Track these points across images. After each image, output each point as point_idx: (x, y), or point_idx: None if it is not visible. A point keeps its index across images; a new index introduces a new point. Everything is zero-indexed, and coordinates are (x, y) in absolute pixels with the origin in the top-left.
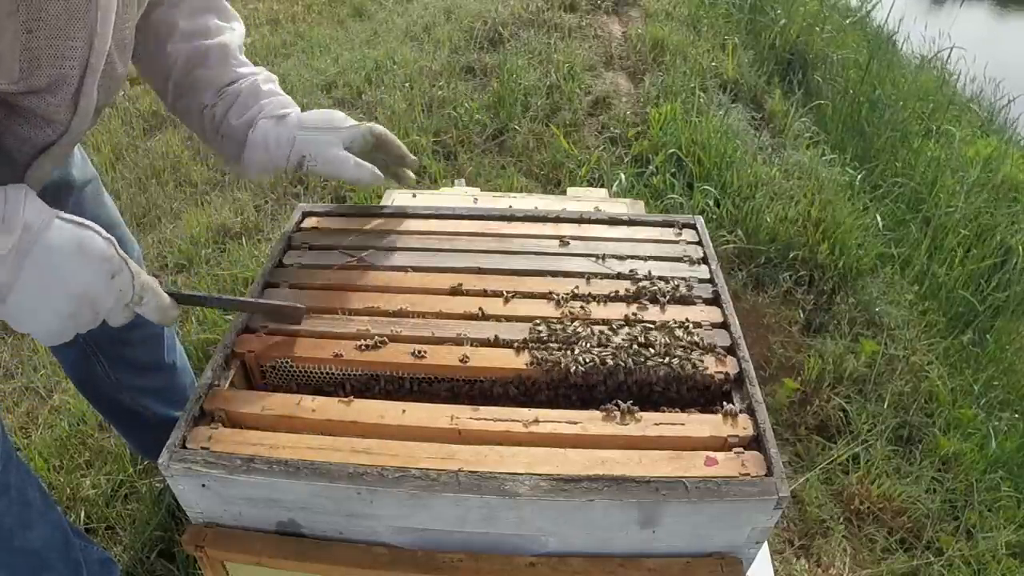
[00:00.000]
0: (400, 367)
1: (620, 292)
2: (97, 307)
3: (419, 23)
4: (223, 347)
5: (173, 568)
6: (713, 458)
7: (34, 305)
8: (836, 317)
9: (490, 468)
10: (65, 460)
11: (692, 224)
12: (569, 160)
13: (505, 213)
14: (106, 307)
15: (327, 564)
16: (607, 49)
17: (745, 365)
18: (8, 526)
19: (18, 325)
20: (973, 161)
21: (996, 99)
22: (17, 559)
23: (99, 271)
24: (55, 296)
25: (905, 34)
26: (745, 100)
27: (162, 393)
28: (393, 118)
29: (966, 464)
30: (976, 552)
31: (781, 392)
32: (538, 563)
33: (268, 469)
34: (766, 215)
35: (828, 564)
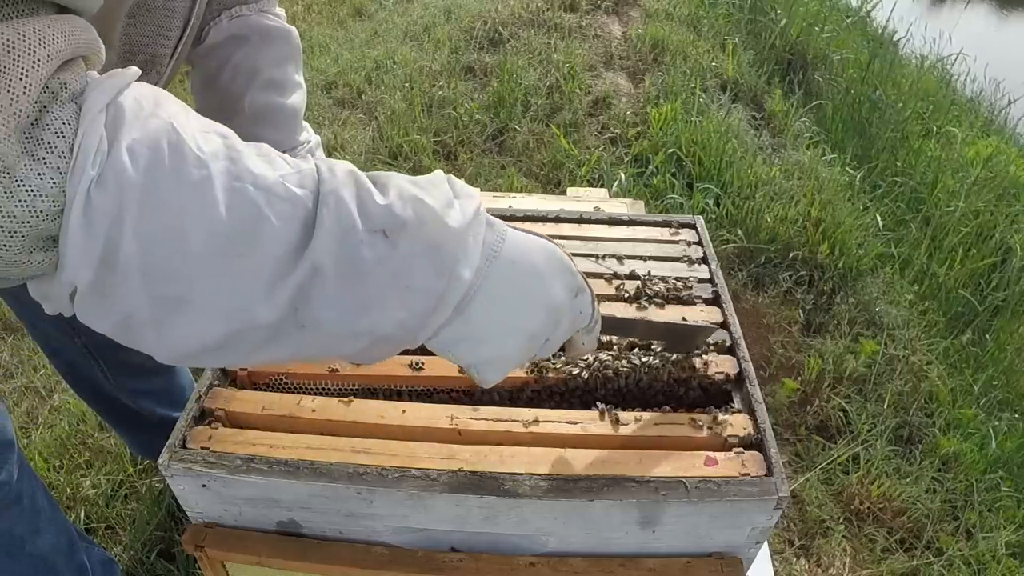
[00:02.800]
0: (398, 380)
1: (620, 292)
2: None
3: (419, 23)
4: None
5: (173, 568)
6: (713, 458)
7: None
8: (836, 317)
9: (490, 468)
10: (65, 460)
11: (692, 224)
12: (569, 160)
13: (505, 213)
14: (560, 332)
15: (327, 564)
16: (607, 49)
17: (745, 365)
18: (19, 534)
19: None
20: (973, 161)
21: (996, 99)
22: (26, 566)
23: (566, 285)
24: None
25: (904, 33)
26: (745, 100)
27: (162, 394)
28: (393, 118)
29: (966, 464)
30: (976, 552)
31: (781, 392)
32: (538, 563)
33: (268, 469)
34: (766, 215)
35: (828, 564)
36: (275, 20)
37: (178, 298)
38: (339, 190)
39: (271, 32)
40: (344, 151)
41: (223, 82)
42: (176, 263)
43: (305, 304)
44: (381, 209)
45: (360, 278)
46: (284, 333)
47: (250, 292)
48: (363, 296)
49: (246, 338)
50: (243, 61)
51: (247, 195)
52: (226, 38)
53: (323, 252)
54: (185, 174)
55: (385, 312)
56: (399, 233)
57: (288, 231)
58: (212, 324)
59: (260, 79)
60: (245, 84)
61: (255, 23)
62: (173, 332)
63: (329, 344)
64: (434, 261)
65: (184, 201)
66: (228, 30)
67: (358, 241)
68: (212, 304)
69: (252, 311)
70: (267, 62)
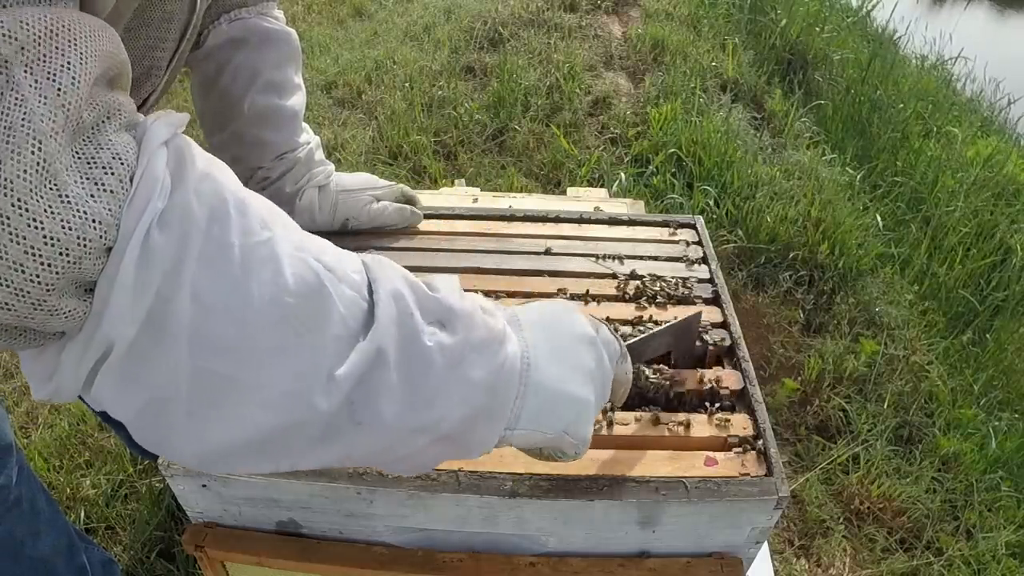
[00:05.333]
0: None
1: (620, 292)
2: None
3: (419, 23)
4: None
5: (173, 568)
6: (713, 458)
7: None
8: (836, 317)
9: (490, 468)
10: (65, 460)
11: (692, 224)
12: (569, 160)
13: (505, 213)
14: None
15: (327, 564)
16: (607, 49)
17: (745, 365)
18: (19, 538)
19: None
20: (973, 161)
21: (996, 99)
22: (26, 569)
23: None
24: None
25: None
26: (745, 100)
27: None
28: (393, 118)
29: (966, 464)
30: (976, 552)
31: (781, 392)
32: (538, 563)
33: None
34: (766, 215)
35: (828, 564)
36: (274, 23)
37: (228, 377)
38: (393, 279)
39: (270, 34)
40: (344, 151)
41: (223, 85)
42: (232, 333)
43: (365, 395)
44: (435, 301)
45: (423, 368)
46: (338, 430)
47: (310, 376)
48: (427, 388)
49: (298, 433)
50: (243, 64)
51: (311, 266)
52: (225, 41)
53: (386, 338)
54: (251, 231)
55: (450, 406)
56: (455, 324)
57: (350, 312)
58: (262, 411)
59: (260, 81)
60: (245, 86)
61: (254, 26)
62: (214, 421)
63: (386, 442)
64: (488, 354)
65: (250, 262)
66: (227, 33)
67: (419, 331)
68: (266, 387)
69: (310, 398)
70: (267, 64)
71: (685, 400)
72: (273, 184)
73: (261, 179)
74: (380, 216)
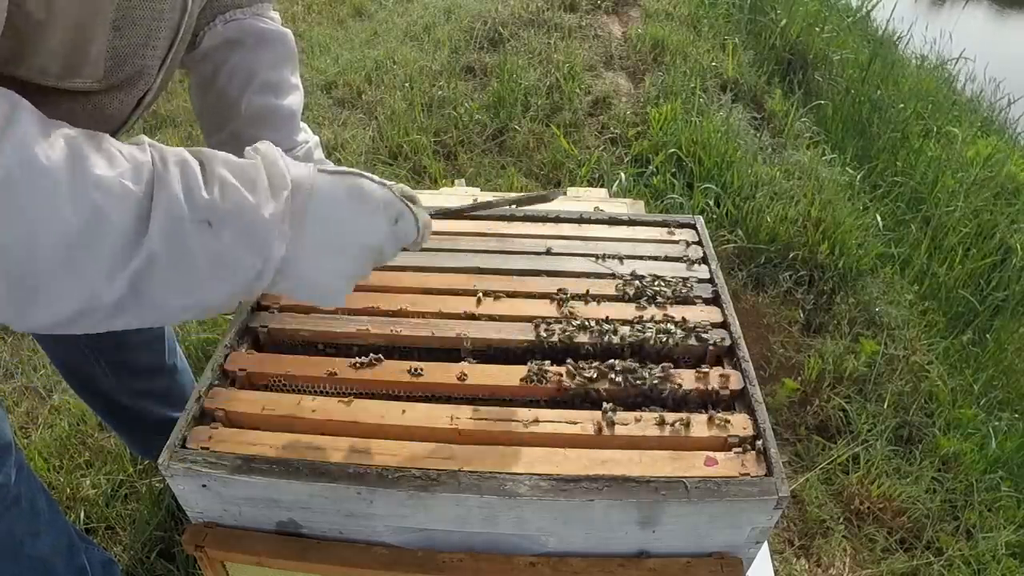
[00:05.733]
0: (396, 386)
1: (620, 292)
2: (380, 255)
3: (419, 23)
4: (214, 364)
5: (173, 568)
6: (713, 458)
7: (319, 270)
8: (836, 317)
9: (490, 468)
10: (65, 460)
11: (692, 224)
12: (569, 160)
13: (505, 213)
14: (388, 254)
15: (327, 564)
16: (607, 49)
17: (745, 365)
18: (19, 537)
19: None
20: (973, 161)
21: (996, 99)
22: (26, 569)
23: (383, 220)
24: (343, 256)
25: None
26: (745, 100)
27: (163, 395)
28: (393, 118)
29: (966, 464)
30: (976, 552)
31: (781, 392)
32: (538, 563)
33: (268, 469)
34: (766, 215)
35: (828, 564)
36: (270, 23)
37: (33, 288)
38: (170, 183)
39: (266, 35)
40: (344, 151)
41: (220, 86)
42: (28, 264)
43: (142, 285)
44: (206, 202)
45: (189, 263)
46: (126, 308)
47: (94, 279)
48: (192, 278)
49: (92, 314)
50: (239, 64)
51: (89, 197)
52: (221, 42)
53: (156, 241)
54: (35, 184)
55: (212, 290)
56: (221, 223)
57: (125, 224)
58: (63, 305)
59: (256, 82)
60: (242, 87)
61: (250, 27)
62: (30, 313)
63: (165, 315)
64: (251, 244)
65: (35, 211)
66: (223, 34)
67: (185, 231)
68: (63, 291)
69: (97, 294)
70: (263, 65)
71: (685, 400)
72: None
73: None
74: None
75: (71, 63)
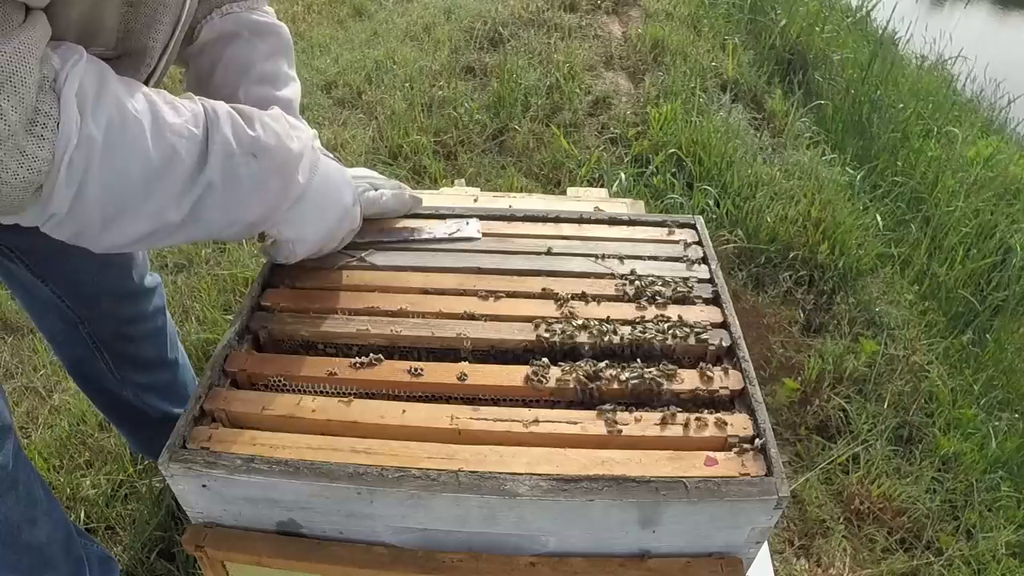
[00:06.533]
0: (396, 386)
1: (620, 292)
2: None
3: (419, 23)
4: (214, 364)
5: (173, 568)
6: (713, 458)
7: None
8: (836, 317)
9: (490, 468)
10: (65, 460)
11: (692, 224)
12: (569, 160)
13: (505, 213)
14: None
15: (327, 564)
16: (607, 49)
17: (745, 365)
18: (16, 522)
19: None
20: (973, 161)
21: (996, 99)
22: (23, 556)
23: (352, 195)
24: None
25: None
26: (745, 100)
27: (165, 390)
28: (393, 118)
29: (966, 464)
30: (976, 552)
31: (781, 392)
32: (538, 563)
33: (268, 469)
34: (766, 215)
35: (828, 564)
36: (265, 16)
37: (120, 212)
38: (221, 127)
39: (261, 28)
40: (344, 151)
41: (217, 79)
42: (122, 193)
43: (201, 207)
44: (251, 139)
45: (238, 187)
46: (186, 226)
47: (166, 203)
48: (239, 200)
49: (161, 232)
50: (236, 57)
51: (166, 139)
52: (218, 35)
53: (214, 172)
54: (129, 131)
55: (252, 208)
56: (263, 155)
57: (190, 160)
58: (140, 225)
59: (253, 73)
60: (239, 78)
61: (245, 19)
62: (113, 233)
63: (217, 230)
64: (283, 173)
65: (129, 151)
66: (219, 27)
67: (236, 163)
68: (142, 213)
69: (166, 215)
70: (259, 57)
71: (685, 400)
72: None
73: None
74: (378, 203)
75: (87, 31)
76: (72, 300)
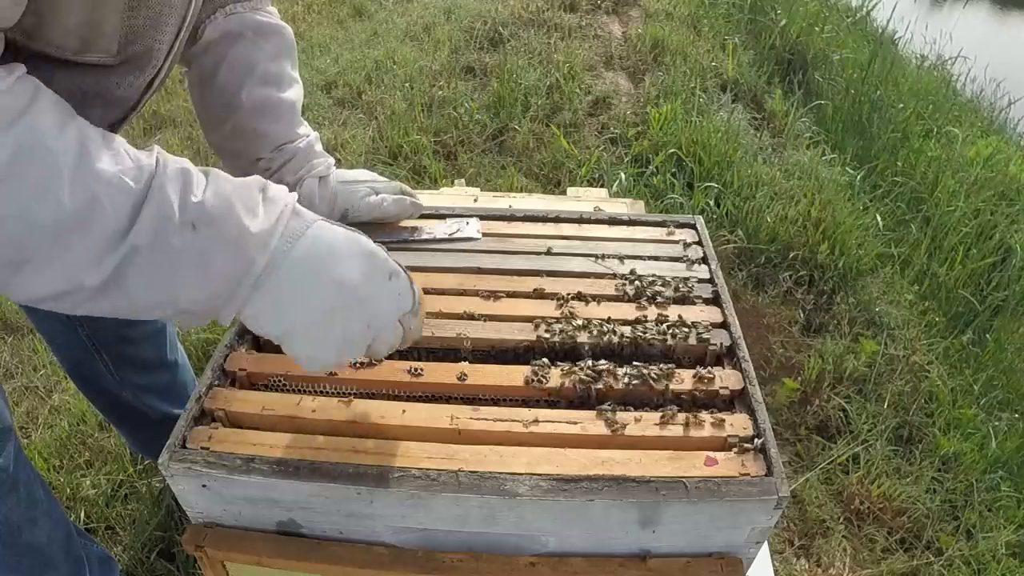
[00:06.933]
0: (396, 386)
1: (620, 292)
2: (371, 310)
3: (419, 23)
4: (214, 364)
5: (173, 568)
6: (713, 458)
7: (298, 297)
8: (836, 317)
9: (490, 468)
10: (65, 460)
11: (692, 224)
12: (569, 160)
13: (505, 213)
14: (382, 313)
15: (327, 564)
16: (607, 49)
17: (745, 365)
18: (16, 523)
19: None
20: (973, 161)
21: (996, 99)
22: (23, 556)
23: (373, 265)
24: (328, 290)
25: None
26: (745, 100)
27: (165, 391)
28: (393, 118)
29: (966, 464)
30: (976, 552)
31: (781, 392)
32: (538, 563)
33: (268, 469)
34: (766, 215)
35: (828, 564)
36: (268, 16)
37: (24, 261)
38: (165, 186)
39: (265, 28)
40: (344, 151)
41: (221, 78)
42: (25, 235)
43: (124, 275)
44: (194, 206)
45: (166, 260)
46: (108, 293)
47: (80, 262)
48: (170, 275)
49: (75, 294)
50: (239, 57)
51: (87, 186)
52: (221, 35)
53: (141, 236)
54: (38, 165)
55: (186, 290)
56: (206, 227)
57: (118, 217)
58: (49, 282)
59: (256, 73)
60: (242, 79)
61: (249, 20)
62: (18, 284)
63: (142, 308)
64: (233, 252)
65: (34, 187)
66: (223, 27)
67: (170, 231)
68: (50, 268)
69: (82, 277)
70: (263, 57)
71: (685, 400)
72: (274, 174)
73: (262, 170)
74: (378, 208)
75: (87, 38)
76: None
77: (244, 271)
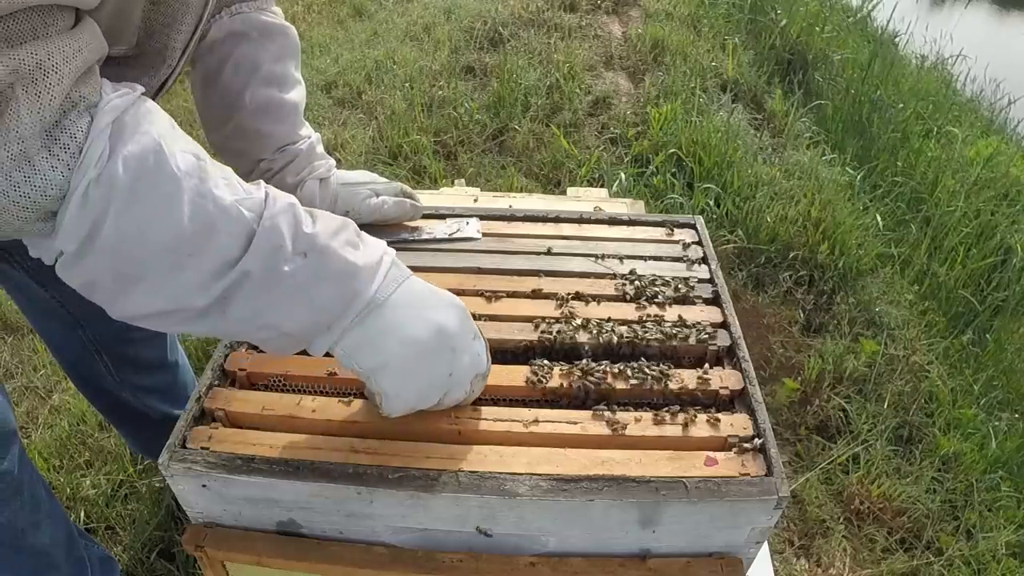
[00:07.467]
0: None
1: (620, 292)
2: (457, 361)
3: (419, 23)
4: (214, 364)
5: (173, 568)
6: (713, 458)
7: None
8: (836, 317)
9: (490, 468)
10: (65, 460)
11: (692, 224)
12: (569, 160)
13: (505, 213)
14: (464, 366)
15: (327, 564)
16: (607, 49)
17: (745, 365)
18: (20, 526)
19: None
20: (974, 161)
21: (996, 99)
22: (26, 558)
23: (462, 319)
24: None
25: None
26: (745, 100)
27: (165, 391)
28: (393, 118)
29: (966, 464)
30: (976, 552)
31: (781, 392)
32: (538, 563)
33: (268, 469)
34: (766, 215)
35: (828, 564)
36: (273, 16)
37: (135, 277)
38: (277, 216)
39: (270, 28)
40: (344, 151)
41: (225, 78)
42: (140, 252)
43: (229, 299)
44: (306, 236)
45: (277, 285)
46: (211, 315)
47: (191, 283)
48: (277, 300)
49: (180, 314)
50: (244, 57)
51: (207, 211)
52: (226, 35)
53: (254, 262)
54: (162, 186)
55: (292, 313)
56: (317, 257)
57: (232, 244)
58: (156, 301)
59: (260, 74)
60: (246, 79)
61: (254, 20)
62: (125, 300)
63: (243, 330)
64: (340, 283)
65: (157, 207)
66: (228, 27)
67: (282, 259)
68: (160, 287)
69: (190, 298)
70: (267, 57)
71: (685, 400)
72: (275, 175)
73: (264, 171)
74: (379, 210)
75: (114, 29)
76: (71, 304)
77: (348, 303)
